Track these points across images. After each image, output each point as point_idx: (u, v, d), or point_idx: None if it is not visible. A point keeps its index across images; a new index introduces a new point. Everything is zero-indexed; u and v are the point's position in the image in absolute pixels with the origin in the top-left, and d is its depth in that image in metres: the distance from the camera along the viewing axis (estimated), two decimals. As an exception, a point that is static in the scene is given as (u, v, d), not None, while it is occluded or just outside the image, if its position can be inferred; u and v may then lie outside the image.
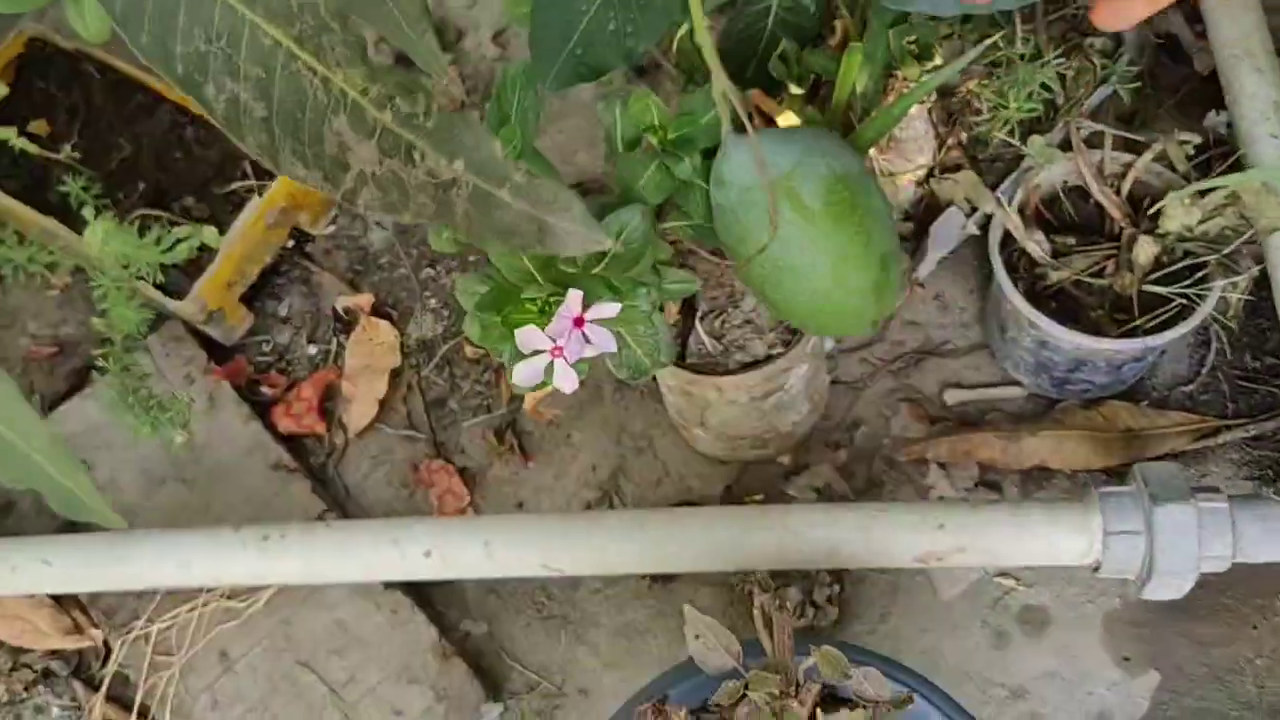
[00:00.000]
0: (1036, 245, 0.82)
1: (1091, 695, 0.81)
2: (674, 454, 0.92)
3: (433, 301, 0.98)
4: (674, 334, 0.80)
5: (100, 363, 0.80)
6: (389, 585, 0.87)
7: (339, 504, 0.93)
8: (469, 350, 0.96)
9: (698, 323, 0.79)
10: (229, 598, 0.88)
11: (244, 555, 0.81)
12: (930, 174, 0.90)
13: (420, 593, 0.88)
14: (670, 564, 0.81)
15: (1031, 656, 0.83)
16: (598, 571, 0.81)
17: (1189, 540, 0.74)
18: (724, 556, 0.78)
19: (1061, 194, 0.84)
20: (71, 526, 0.66)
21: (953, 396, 0.91)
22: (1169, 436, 0.87)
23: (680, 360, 0.79)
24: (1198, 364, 0.90)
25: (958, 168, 0.89)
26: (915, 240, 0.92)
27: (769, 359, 0.78)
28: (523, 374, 0.52)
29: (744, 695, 0.52)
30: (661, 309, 0.66)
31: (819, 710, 0.52)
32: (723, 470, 0.91)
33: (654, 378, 0.94)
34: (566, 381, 0.52)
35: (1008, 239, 0.83)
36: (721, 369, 0.78)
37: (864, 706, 0.52)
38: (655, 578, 0.88)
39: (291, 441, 0.95)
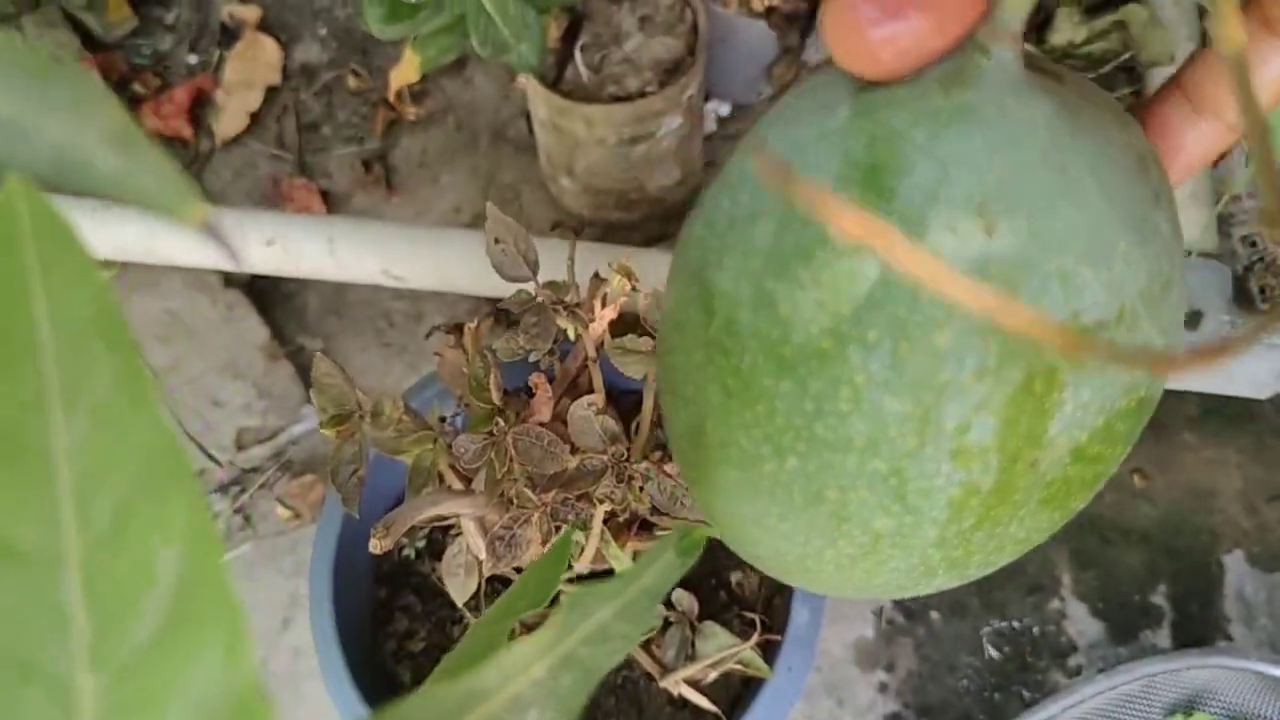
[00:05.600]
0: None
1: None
2: (539, 211, 0.91)
3: (323, 31, 0.96)
4: (552, 57, 0.80)
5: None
6: (230, 284, 0.85)
7: (194, 208, 0.90)
8: (352, 82, 0.95)
9: (577, 52, 0.79)
10: (62, 273, 0.85)
11: (79, 219, 0.79)
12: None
13: (262, 303, 0.87)
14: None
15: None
16: (438, 285, 0.80)
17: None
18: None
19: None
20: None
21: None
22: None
23: (555, 86, 0.79)
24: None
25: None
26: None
27: (642, 95, 0.78)
28: None
29: (534, 301, 0.52)
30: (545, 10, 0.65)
31: (609, 334, 0.52)
32: (586, 234, 0.91)
33: (529, 127, 0.93)
34: None
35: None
36: (594, 99, 0.78)
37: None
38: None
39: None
